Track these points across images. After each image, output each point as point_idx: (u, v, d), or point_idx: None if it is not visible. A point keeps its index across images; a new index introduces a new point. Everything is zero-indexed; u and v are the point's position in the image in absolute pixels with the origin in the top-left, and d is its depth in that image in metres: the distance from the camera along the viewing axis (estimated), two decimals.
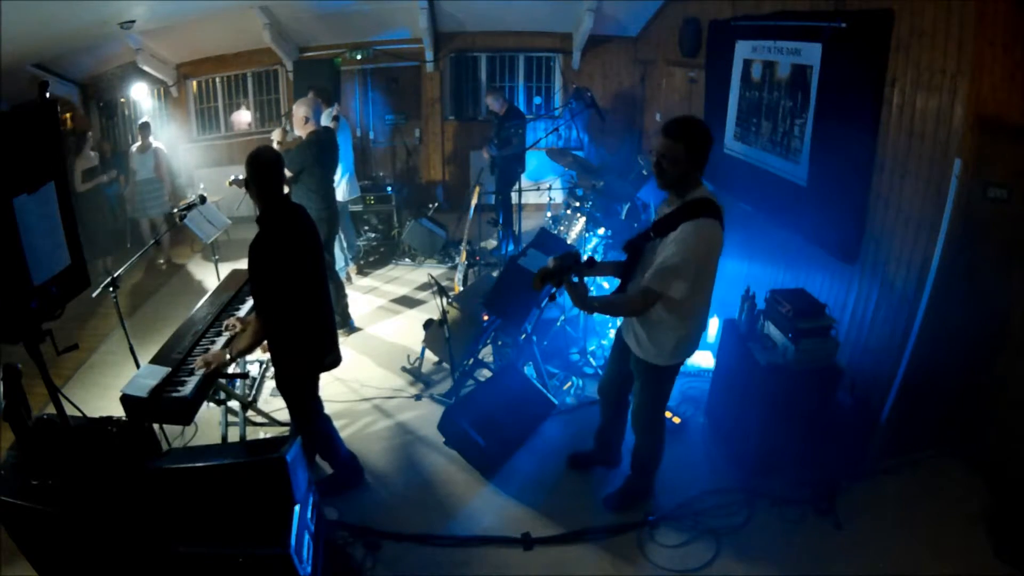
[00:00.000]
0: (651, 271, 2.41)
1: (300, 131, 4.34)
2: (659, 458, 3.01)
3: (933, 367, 3.11)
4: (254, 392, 3.96)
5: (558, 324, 4.53)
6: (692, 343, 2.69)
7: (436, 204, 6.98)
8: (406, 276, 6.13)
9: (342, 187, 5.48)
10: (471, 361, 4.16)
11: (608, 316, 2.53)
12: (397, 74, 7.78)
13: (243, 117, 7.99)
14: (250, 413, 3.61)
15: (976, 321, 3.06)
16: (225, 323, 3.24)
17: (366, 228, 6.66)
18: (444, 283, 4.27)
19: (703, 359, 4.27)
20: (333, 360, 3.00)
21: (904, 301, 3.17)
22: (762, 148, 4.48)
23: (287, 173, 4.14)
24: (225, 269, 4.25)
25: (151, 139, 6.37)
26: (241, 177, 2.71)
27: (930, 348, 3.07)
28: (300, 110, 4.31)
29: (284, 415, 3.37)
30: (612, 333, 2.98)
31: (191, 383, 2.81)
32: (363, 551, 2.83)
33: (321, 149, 4.34)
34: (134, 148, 6.38)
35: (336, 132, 4.83)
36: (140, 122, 6.47)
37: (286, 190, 4.31)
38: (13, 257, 1.94)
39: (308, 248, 2.77)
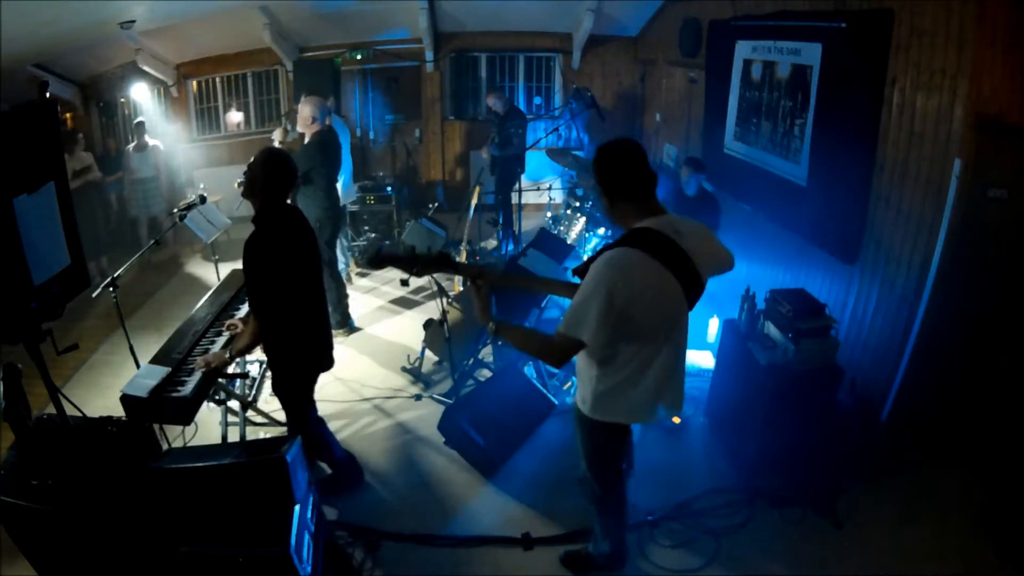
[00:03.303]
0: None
1: (305, 131, 4.33)
2: (623, 521, 2.60)
3: (933, 367, 3.11)
4: (254, 392, 3.95)
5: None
6: (623, 403, 2.11)
7: (436, 204, 6.98)
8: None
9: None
10: (471, 361, 4.16)
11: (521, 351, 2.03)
12: (397, 74, 7.78)
13: (234, 117, 7.99)
14: (250, 413, 3.61)
15: (976, 321, 3.06)
16: (226, 323, 3.24)
17: (366, 228, 6.66)
18: (444, 283, 4.27)
19: (703, 359, 4.27)
20: (327, 362, 2.99)
21: (904, 301, 3.17)
22: (762, 148, 4.49)
23: None
24: (225, 269, 4.24)
25: (147, 137, 6.38)
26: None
27: (930, 348, 3.08)
28: (306, 109, 4.29)
29: (284, 415, 3.37)
30: None
31: (191, 383, 2.80)
32: (363, 551, 2.83)
33: (327, 149, 4.34)
34: (130, 147, 6.39)
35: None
36: (135, 121, 6.49)
37: None
38: (13, 257, 1.94)
39: (303, 249, 2.76)
